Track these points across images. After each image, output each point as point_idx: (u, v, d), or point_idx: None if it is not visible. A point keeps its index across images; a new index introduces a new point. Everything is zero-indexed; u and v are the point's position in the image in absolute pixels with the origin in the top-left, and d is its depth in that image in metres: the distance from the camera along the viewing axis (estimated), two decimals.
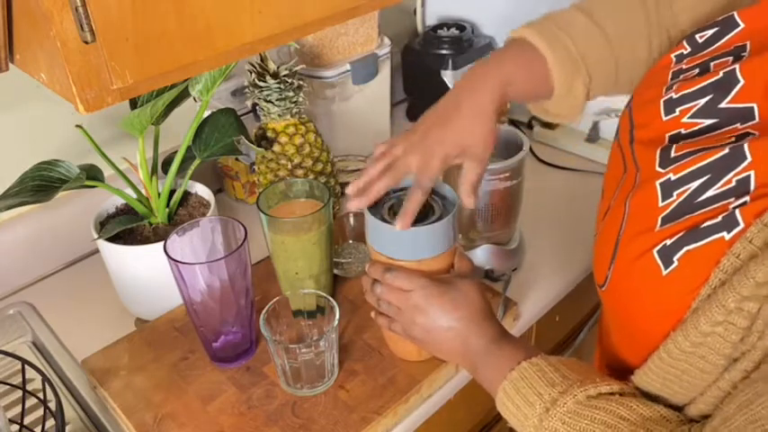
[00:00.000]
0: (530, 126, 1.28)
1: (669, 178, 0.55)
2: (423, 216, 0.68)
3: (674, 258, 0.51)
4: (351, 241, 0.97)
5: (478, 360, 0.65)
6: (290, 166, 0.98)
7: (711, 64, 0.59)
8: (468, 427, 0.95)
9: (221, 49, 0.60)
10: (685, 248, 0.51)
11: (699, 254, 0.50)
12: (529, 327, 0.92)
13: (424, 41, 1.30)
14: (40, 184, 0.79)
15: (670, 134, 0.58)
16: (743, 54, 0.57)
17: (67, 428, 0.76)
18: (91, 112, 0.54)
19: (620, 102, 0.71)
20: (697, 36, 0.62)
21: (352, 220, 0.97)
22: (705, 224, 0.50)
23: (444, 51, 1.25)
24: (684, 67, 0.61)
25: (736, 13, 0.59)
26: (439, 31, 1.30)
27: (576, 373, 0.58)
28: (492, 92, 0.68)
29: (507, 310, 0.86)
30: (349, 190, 0.69)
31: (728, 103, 0.55)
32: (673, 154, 0.56)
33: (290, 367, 0.73)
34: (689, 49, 0.63)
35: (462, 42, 1.26)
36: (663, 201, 0.55)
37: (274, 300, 0.76)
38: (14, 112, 0.92)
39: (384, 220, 0.67)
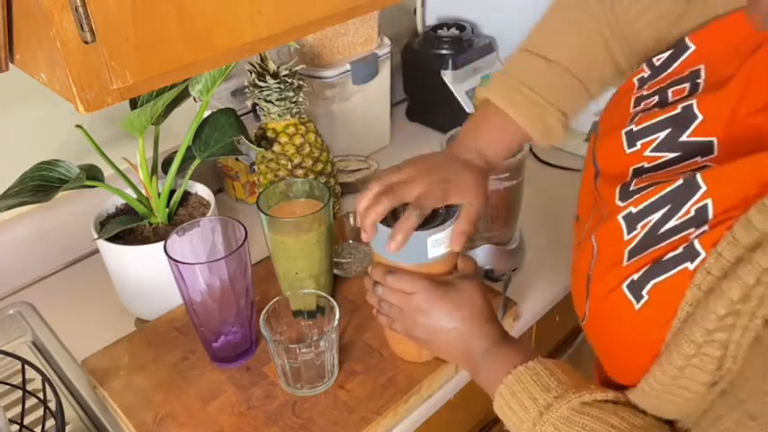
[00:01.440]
0: None
1: (630, 211, 0.56)
2: (426, 220, 0.68)
3: (643, 293, 0.52)
4: (351, 241, 0.97)
5: (479, 362, 0.65)
6: (290, 166, 0.98)
7: (669, 92, 0.60)
8: (468, 427, 0.95)
9: (221, 49, 0.60)
10: (652, 282, 0.52)
11: (666, 287, 0.51)
12: (529, 327, 0.92)
13: (424, 41, 1.30)
14: (40, 184, 0.79)
15: (634, 167, 0.60)
16: (698, 81, 0.58)
17: (67, 428, 0.76)
18: (91, 112, 0.54)
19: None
20: (654, 59, 0.63)
21: (351, 220, 0.97)
22: (668, 256, 0.51)
23: (444, 51, 1.25)
24: (645, 93, 0.63)
25: (686, 36, 0.60)
26: (439, 31, 1.30)
27: (571, 379, 0.58)
28: (476, 160, 0.71)
29: (507, 310, 0.86)
30: (358, 207, 0.69)
31: (688, 137, 0.56)
32: (632, 188, 0.57)
33: (290, 367, 0.73)
34: (648, 72, 0.64)
35: (462, 42, 1.26)
36: (628, 234, 0.56)
37: (274, 300, 0.76)
38: (14, 112, 0.92)
39: (387, 224, 0.67)
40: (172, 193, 0.89)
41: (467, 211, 0.68)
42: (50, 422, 0.70)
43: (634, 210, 0.56)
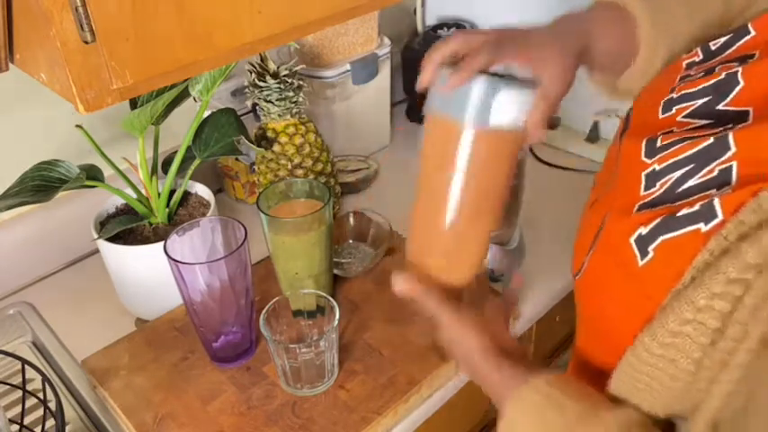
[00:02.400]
0: None
1: (654, 169, 0.54)
2: None
3: (650, 249, 0.49)
4: (351, 241, 0.97)
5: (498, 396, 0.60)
6: (290, 166, 0.98)
7: (717, 68, 0.58)
8: (468, 427, 0.96)
9: (221, 49, 0.60)
10: (661, 238, 0.49)
11: (674, 245, 0.48)
12: (529, 327, 0.93)
13: (424, 41, 1.30)
14: (40, 184, 0.79)
15: (662, 132, 0.57)
16: (749, 60, 0.56)
17: (67, 428, 0.76)
18: (91, 112, 0.54)
19: (621, 102, 0.71)
20: (711, 44, 0.61)
21: (351, 220, 0.97)
22: (682, 212, 0.48)
23: None
24: (692, 73, 0.60)
25: (749, 22, 0.58)
26: (439, 31, 1.30)
27: (576, 402, 0.54)
28: (576, 42, 0.62)
29: None
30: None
31: (725, 105, 0.54)
32: (659, 144, 0.55)
33: (290, 367, 0.73)
34: (701, 57, 0.61)
35: None
36: (645, 190, 0.53)
37: (274, 300, 0.76)
38: (14, 112, 0.92)
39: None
40: (172, 193, 0.89)
41: (545, 89, 0.57)
42: (50, 422, 0.70)
43: (658, 167, 0.53)
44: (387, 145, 1.30)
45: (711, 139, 0.50)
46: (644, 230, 0.50)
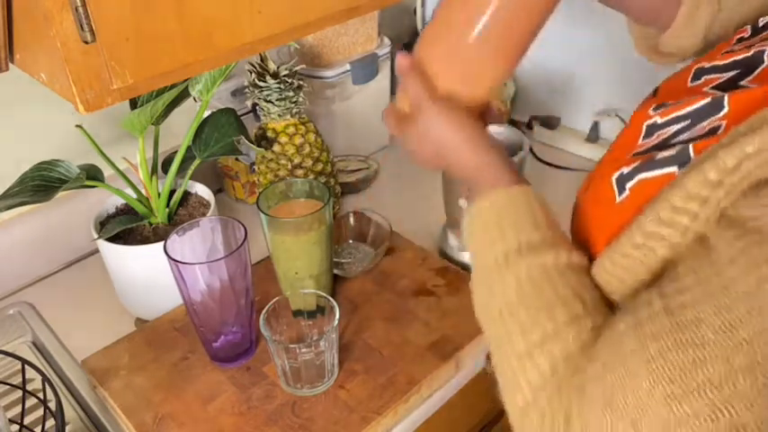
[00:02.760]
0: (530, 126, 1.28)
1: (656, 121, 0.55)
2: None
3: (627, 187, 0.51)
4: (351, 241, 0.97)
5: (471, 183, 0.60)
6: (290, 166, 0.98)
7: (755, 45, 0.57)
8: (468, 427, 0.95)
9: (221, 49, 0.60)
10: (637, 177, 0.50)
11: (648, 184, 0.50)
12: None
13: None
14: (40, 184, 0.79)
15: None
16: None
17: (67, 428, 0.76)
18: (91, 112, 0.54)
19: (620, 102, 0.71)
20: (760, 20, 0.60)
21: (351, 220, 0.97)
22: (660, 155, 0.50)
23: None
24: (735, 48, 0.60)
25: None
26: None
27: (556, 228, 0.55)
28: None
29: None
30: None
31: (749, 81, 0.53)
32: (669, 103, 0.56)
33: (290, 367, 0.73)
34: (749, 33, 0.60)
35: None
36: (643, 140, 0.55)
37: (274, 300, 0.76)
38: (14, 112, 0.92)
39: None
40: (172, 193, 0.89)
41: None
42: (50, 422, 0.70)
43: (660, 120, 0.55)
44: (387, 145, 1.30)
45: (709, 99, 0.51)
46: (625, 170, 0.52)
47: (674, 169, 0.48)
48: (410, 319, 0.84)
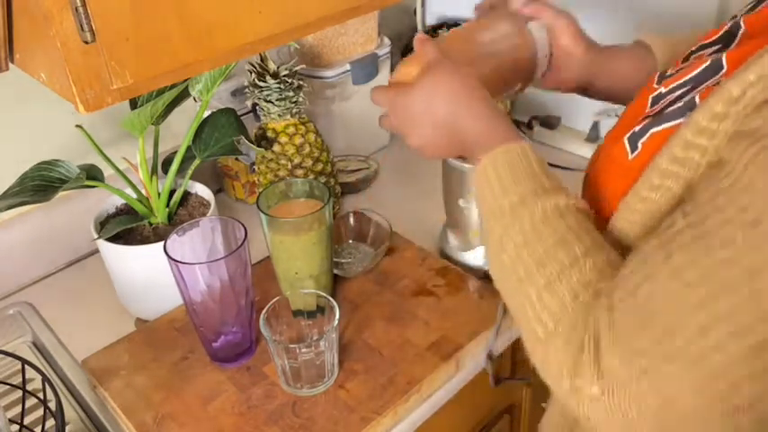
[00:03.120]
0: (530, 126, 1.28)
1: (660, 92, 0.58)
2: None
3: (639, 143, 0.54)
4: (351, 241, 0.97)
5: (476, 145, 0.62)
6: (290, 166, 0.98)
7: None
8: (469, 427, 0.95)
9: (221, 49, 0.60)
10: (649, 132, 0.53)
11: (659, 137, 0.52)
12: None
13: None
14: (40, 184, 0.79)
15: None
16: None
17: (67, 428, 0.76)
18: (91, 111, 0.54)
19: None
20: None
21: (351, 220, 0.97)
22: (669, 109, 0.53)
23: None
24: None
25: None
26: (439, 31, 1.30)
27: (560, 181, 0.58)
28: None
29: (507, 309, 0.86)
30: None
31: (733, 47, 0.56)
32: (668, 73, 0.60)
33: (290, 367, 0.73)
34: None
35: None
36: (649, 108, 0.57)
37: (274, 300, 0.76)
38: (14, 112, 0.92)
39: None
40: (172, 193, 0.89)
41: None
42: (50, 422, 0.70)
43: (663, 90, 0.57)
44: (387, 145, 1.30)
45: (708, 61, 0.54)
46: (637, 128, 0.55)
47: (682, 120, 0.50)
48: (410, 319, 0.84)
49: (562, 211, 0.54)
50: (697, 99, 0.51)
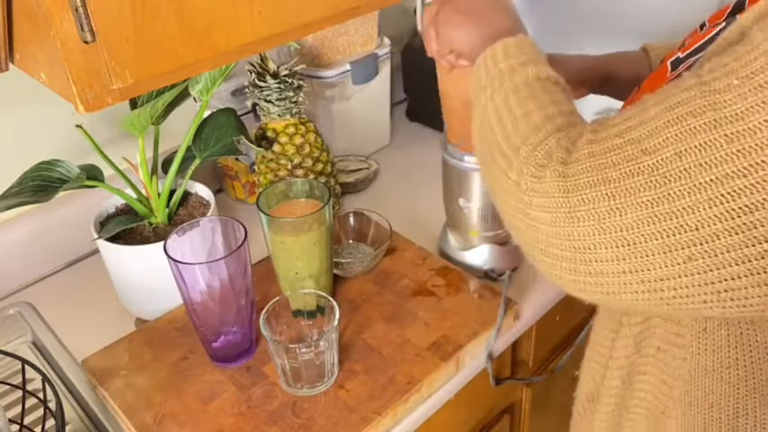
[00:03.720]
0: None
1: (678, 56, 0.59)
2: None
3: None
4: (351, 241, 0.97)
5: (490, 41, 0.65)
6: (290, 166, 0.98)
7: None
8: (468, 427, 0.95)
9: (221, 49, 0.60)
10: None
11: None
12: (529, 327, 0.92)
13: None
14: (40, 184, 0.79)
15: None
16: None
17: (67, 428, 0.76)
18: (91, 112, 0.54)
19: (621, 102, 0.72)
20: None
21: (352, 220, 0.97)
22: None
23: None
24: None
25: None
26: None
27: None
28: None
29: (507, 309, 0.86)
30: None
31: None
32: (685, 43, 0.61)
33: (290, 367, 0.73)
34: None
35: None
36: (671, 72, 0.58)
37: (274, 300, 0.76)
38: (14, 112, 0.92)
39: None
40: (172, 193, 0.89)
41: None
42: (50, 422, 0.70)
43: (681, 55, 0.58)
44: (387, 145, 1.30)
45: (724, 23, 0.55)
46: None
47: None
48: (410, 319, 0.84)
49: (552, 78, 0.58)
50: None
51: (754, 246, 0.42)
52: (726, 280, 0.44)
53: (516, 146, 0.53)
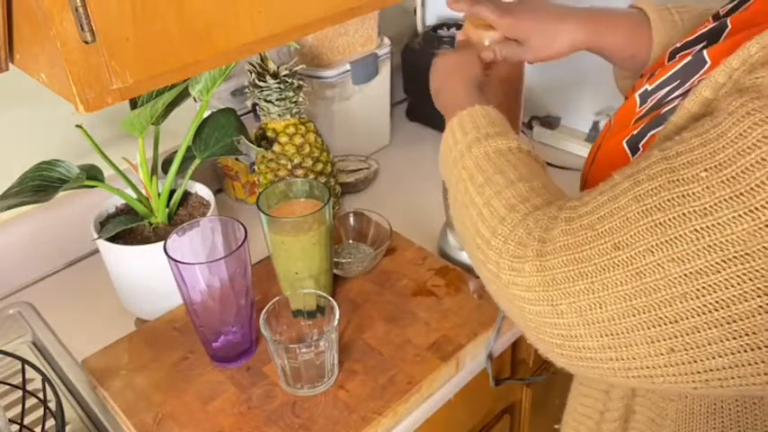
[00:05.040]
0: (530, 126, 1.28)
1: (646, 88, 0.59)
2: None
3: (639, 145, 0.55)
4: (351, 241, 0.97)
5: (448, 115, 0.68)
6: (290, 166, 0.98)
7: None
8: (468, 427, 0.95)
9: (221, 49, 0.60)
10: (648, 134, 0.54)
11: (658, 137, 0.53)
12: None
13: (424, 41, 1.30)
14: (40, 184, 0.79)
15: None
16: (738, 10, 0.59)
17: (67, 428, 0.76)
18: (91, 112, 0.54)
19: (621, 102, 0.72)
20: (720, 10, 0.64)
21: (352, 220, 0.97)
22: (664, 110, 0.54)
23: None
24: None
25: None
26: (439, 31, 1.30)
27: (509, 128, 0.63)
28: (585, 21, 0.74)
29: None
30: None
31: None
32: (655, 73, 0.61)
33: (290, 367, 0.73)
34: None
35: None
36: (639, 107, 0.59)
37: (274, 300, 0.76)
38: (14, 112, 0.92)
39: None
40: (172, 193, 0.89)
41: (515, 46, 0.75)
42: (50, 422, 0.70)
43: (649, 87, 0.59)
44: (387, 145, 1.30)
45: (690, 57, 0.56)
46: (635, 132, 0.56)
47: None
48: (410, 319, 0.84)
49: (503, 151, 0.59)
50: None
51: (734, 339, 0.41)
52: (711, 370, 0.43)
53: (487, 238, 0.54)
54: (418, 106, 1.37)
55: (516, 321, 0.53)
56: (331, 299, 0.76)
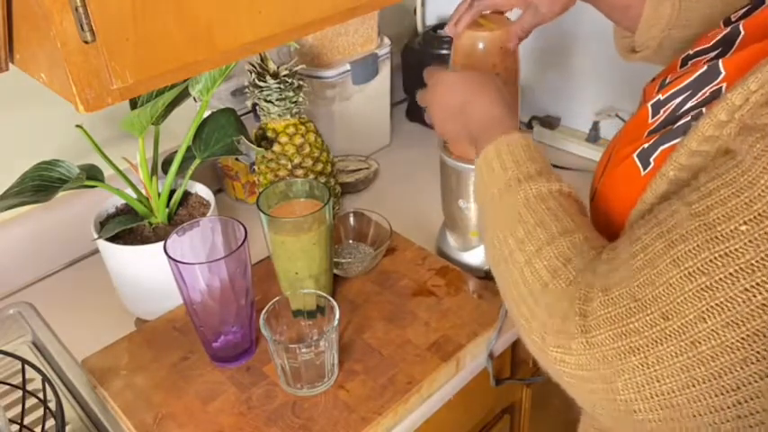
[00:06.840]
0: (530, 126, 1.28)
1: (659, 99, 0.59)
2: None
3: (651, 159, 0.54)
4: (351, 241, 0.97)
5: (480, 135, 0.66)
6: (290, 166, 0.98)
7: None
8: (468, 427, 0.95)
9: (221, 49, 0.60)
10: (660, 148, 0.54)
11: (669, 152, 0.52)
12: None
13: (424, 41, 1.30)
14: (40, 184, 0.79)
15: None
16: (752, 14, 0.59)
17: (67, 428, 0.76)
18: (91, 112, 0.54)
19: (620, 102, 0.72)
20: (731, 16, 0.64)
21: (352, 220, 0.97)
22: (677, 124, 0.53)
23: (444, 51, 1.25)
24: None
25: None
26: (439, 31, 1.30)
27: (550, 166, 0.60)
28: None
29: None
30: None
31: (733, 52, 0.56)
32: (667, 80, 0.61)
33: (290, 367, 0.73)
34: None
35: None
36: (651, 118, 0.58)
37: (274, 300, 0.76)
38: (14, 112, 0.92)
39: None
40: (172, 193, 0.89)
41: (529, 15, 0.77)
42: (50, 422, 0.70)
43: (662, 97, 0.58)
44: (387, 145, 1.30)
45: (705, 67, 0.55)
46: (646, 145, 0.55)
47: None
48: (410, 319, 0.84)
49: (544, 195, 0.56)
50: (704, 110, 0.51)
51: None
52: None
53: (530, 306, 0.51)
54: (418, 106, 1.36)
55: (569, 393, 0.51)
56: (331, 299, 0.76)
